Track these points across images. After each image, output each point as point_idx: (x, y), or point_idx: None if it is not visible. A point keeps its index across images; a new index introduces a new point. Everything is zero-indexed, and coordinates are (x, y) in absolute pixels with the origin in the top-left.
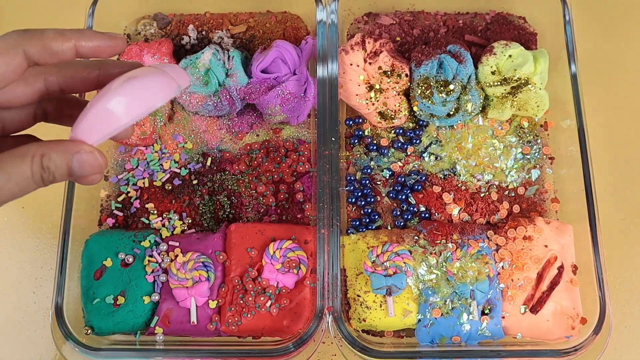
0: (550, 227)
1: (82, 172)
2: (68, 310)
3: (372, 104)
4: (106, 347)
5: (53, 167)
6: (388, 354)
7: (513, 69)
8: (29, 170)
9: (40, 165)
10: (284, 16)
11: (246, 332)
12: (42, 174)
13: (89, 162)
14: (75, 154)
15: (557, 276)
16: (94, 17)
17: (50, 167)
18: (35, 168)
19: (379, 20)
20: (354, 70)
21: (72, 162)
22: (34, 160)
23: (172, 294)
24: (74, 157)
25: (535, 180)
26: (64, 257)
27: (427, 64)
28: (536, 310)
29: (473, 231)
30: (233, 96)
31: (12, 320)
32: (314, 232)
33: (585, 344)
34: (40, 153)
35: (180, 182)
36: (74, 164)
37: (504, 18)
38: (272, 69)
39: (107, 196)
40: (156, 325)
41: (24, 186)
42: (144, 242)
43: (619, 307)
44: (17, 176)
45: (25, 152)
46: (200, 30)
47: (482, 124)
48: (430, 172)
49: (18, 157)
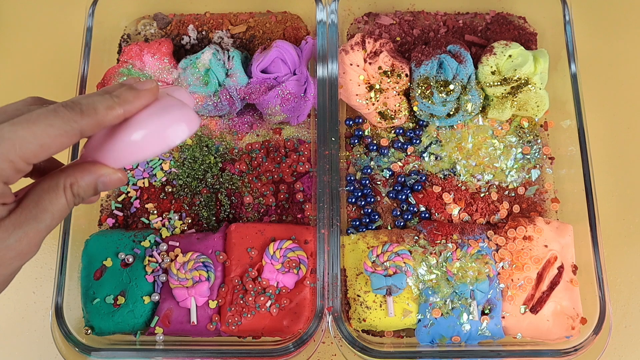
0: (550, 227)
1: (105, 189)
2: (68, 310)
3: (372, 104)
4: (106, 347)
5: (82, 193)
6: (388, 354)
7: (513, 69)
8: (65, 202)
9: (72, 194)
10: (284, 16)
11: (246, 332)
12: (74, 200)
13: (112, 182)
14: (100, 177)
15: (557, 276)
16: (94, 17)
17: (80, 193)
18: (69, 198)
19: (379, 20)
20: (354, 70)
21: (98, 184)
22: (66, 193)
23: (172, 294)
24: (99, 180)
25: (535, 180)
26: (64, 257)
27: (427, 64)
28: (536, 310)
29: (473, 231)
30: (233, 96)
31: (12, 320)
32: (314, 232)
33: (585, 344)
34: (70, 183)
35: (180, 182)
36: (99, 186)
37: (504, 18)
38: (272, 69)
39: (107, 196)
40: (156, 325)
41: (62, 215)
42: (144, 242)
43: (619, 307)
44: (57, 211)
45: (56, 185)
46: (200, 30)
47: (482, 124)
48: (430, 172)
49: (53, 193)
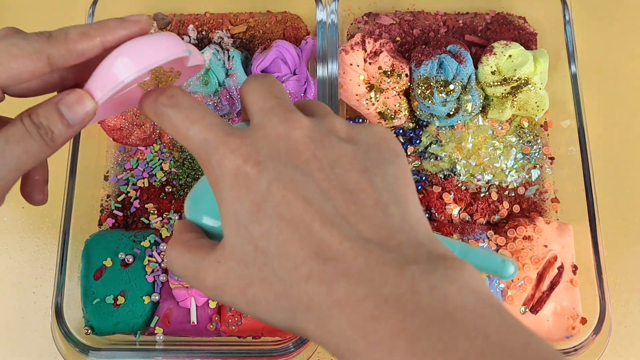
0: (550, 227)
1: (75, 114)
2: (68, 310)
3: (372, 104)
4: (106, 347)
5: (45, 121)
6: None
7: (513, 69)
8: (23, 128)
9: (32, 123)
10: (284, 16)
11: (246, 332)
12: (37, 130)
13: (72, 102)
14: (59, 101)
15: (557, 276)
16: (94, 17)
17: (42, 121)
18: (29, 127)
19: (379, 20)
20: (354, 70)
21: (60, 108)
22: (24, 121)
23: (172, 294)
24: (59, 104)
25: (535, 180)
26: (64, 257)
27: (427, 64)
28: (536, 311)
29: (473, 231)
30: (233, 96)
31: (12, 320)
32: None
33: (585, 344)
34: (27, 114)
35: (180, 182)
36: (62, 109)
37: (504, 18)
38: (272, 69)
39: (107, 196)
40: (156, 325)
41: (27, 147)
42: (144, 242)
43: (619, 307)
44: (14, 136)
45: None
46: (200, 30)
47: (482, 124)
48: (430, 172)
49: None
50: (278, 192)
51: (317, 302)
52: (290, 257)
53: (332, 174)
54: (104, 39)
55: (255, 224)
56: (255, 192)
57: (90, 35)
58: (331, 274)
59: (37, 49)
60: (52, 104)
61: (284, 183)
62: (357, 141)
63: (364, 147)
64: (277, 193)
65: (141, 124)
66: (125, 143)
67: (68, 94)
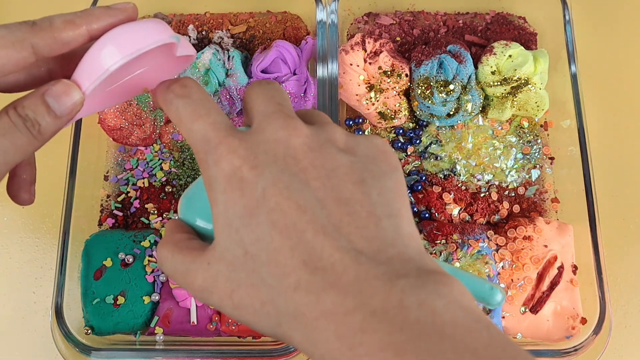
0: (550, 227)
1: (62, 105)
2: (68, 310)
3: (372, 104)
4: (106, 347)
5: (31, 113)
6: None
7: (513, 69)
8: (9, 121)
9: (18, 115)
10: (284, 16)
11: (246, 332)
12: (24, 123)
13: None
14: (45, 92)
15: (557, 276)
16: None
17: (29, 114)
18: (15, 120)
19: (379, 20)
20: (354, 70)
21: (47, 99)
22: (9, 113)
23: (172, 294)
24: (45, 95)
25: (535, 180)
26: (64, 257)
27: (427, 64)
28: (536, 311)
29: (473, 231)
30: (233, 96)
31: (12, 320)
32: None
33: (585, 344)
34: (12, 106)
35: (180, 182)
36: (49, 100)
37: (504, 18)
38: (272, 69)
39: (107, 196)
40: (156, 325)
41: (14, 140)
42: (144, 242)
43: (619, 307)
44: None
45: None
46: (200, 30)
47: (482, 124)
48: (430, 172)
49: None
50: (272, 198)
51: (304, 312)
52: (279, 265)
53: (329, 184)
54: (90, 27)
55: (247, 229)
56: (250, 197)
57: (76, 24)
58: (320, 285)
59: (20, 37)
60: (38, 95)
61: (279, 189)
62: (356, 152)
63: (362, 158)
64: (271, 199)
65: (141, 124)
66: (125, 143)
67: (54, 85)
